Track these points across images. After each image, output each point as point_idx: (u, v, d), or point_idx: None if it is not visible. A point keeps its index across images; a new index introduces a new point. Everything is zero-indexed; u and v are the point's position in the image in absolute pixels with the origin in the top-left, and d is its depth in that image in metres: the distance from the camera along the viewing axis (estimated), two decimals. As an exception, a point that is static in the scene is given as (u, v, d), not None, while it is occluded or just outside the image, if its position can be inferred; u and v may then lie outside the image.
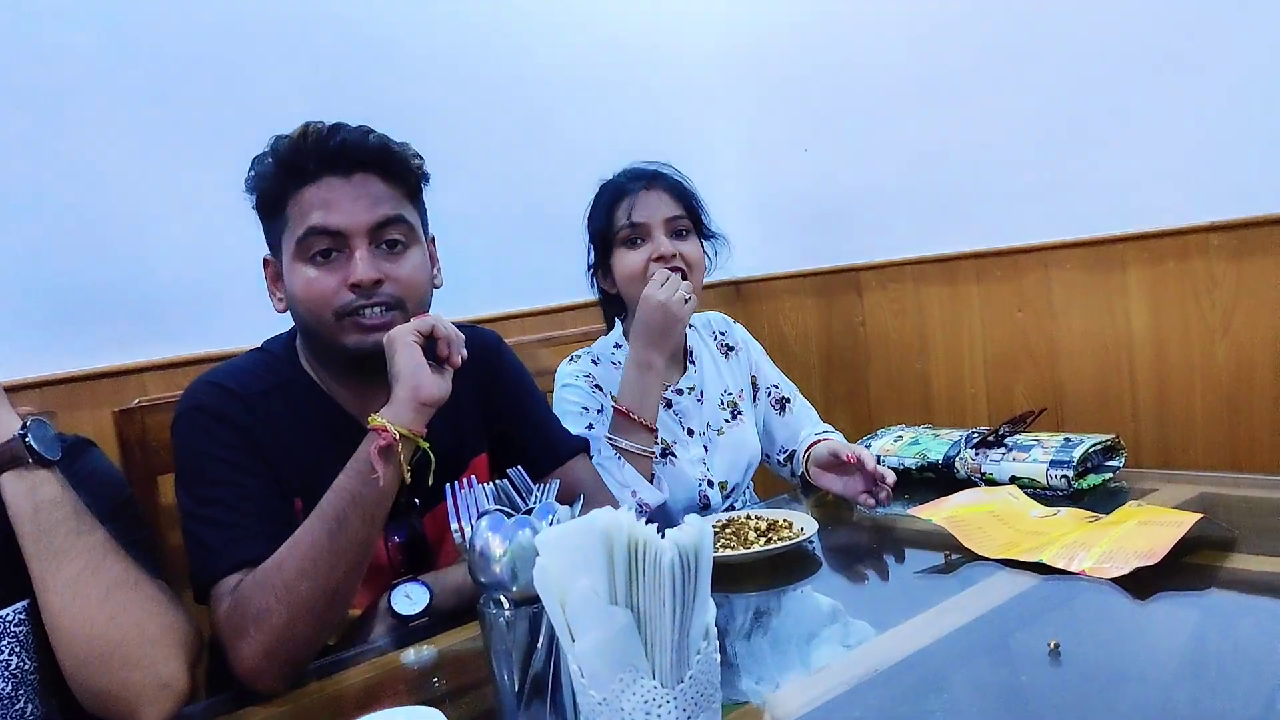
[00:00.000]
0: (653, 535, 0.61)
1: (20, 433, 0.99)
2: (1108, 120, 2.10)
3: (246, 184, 1.22)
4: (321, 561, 1.03)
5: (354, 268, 1.15)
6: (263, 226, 1.24)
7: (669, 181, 1.68)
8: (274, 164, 1.18)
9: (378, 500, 1.06)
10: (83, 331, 1.71)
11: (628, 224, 1.63)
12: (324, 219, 1.15)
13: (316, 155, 1.16)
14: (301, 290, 1.17)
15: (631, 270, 1.64)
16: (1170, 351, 2.07)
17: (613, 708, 0.63)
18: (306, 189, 1.16)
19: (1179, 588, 1.07)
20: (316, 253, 1.16)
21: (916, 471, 1.63)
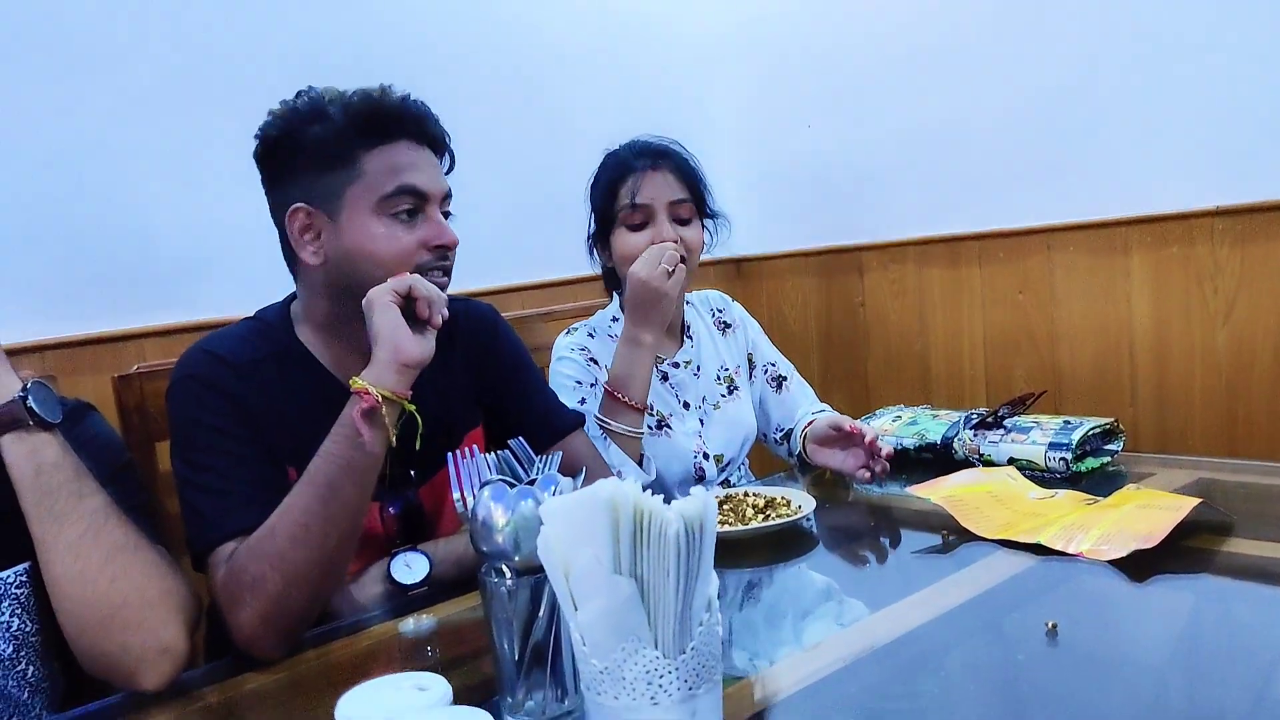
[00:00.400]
0: (659, 506, 0.61)
1: (21, 394, 0.98)
2: (1113, 102, 2.09)
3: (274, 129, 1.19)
4: (314, 528, 1.02)
5: (439, 230, 1.19)
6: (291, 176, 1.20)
7: (675, 161, 1.65)
8: (345, 117, 1.17)
9: (366, 465, 1.05)
10: (83, 297, 1.72)
11: (630, 205, 1.62)
12: (416, 179, 1.18)
13: (398, 117, 1.19)
14: (381, 245, 1.16)
15: (631, 252, 1.63)
16: (1171, 336, 2.07)
17: (614, 677, 0.64)
18: (387, 147, 1.18)
19: (1176, 571, 1.07)
20: (400, 211, 1.17)
21: (914, 452, 1.63)
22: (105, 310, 1.74)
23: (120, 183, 1.76)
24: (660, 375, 1.70)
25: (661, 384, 1.70)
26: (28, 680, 1.07)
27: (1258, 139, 1.91)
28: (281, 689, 0.99)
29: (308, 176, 1.18)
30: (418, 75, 1.77)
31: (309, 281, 1.23)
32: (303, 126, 1.17)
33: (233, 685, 1.00)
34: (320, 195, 1.18)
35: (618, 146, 1.70)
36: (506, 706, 0.82)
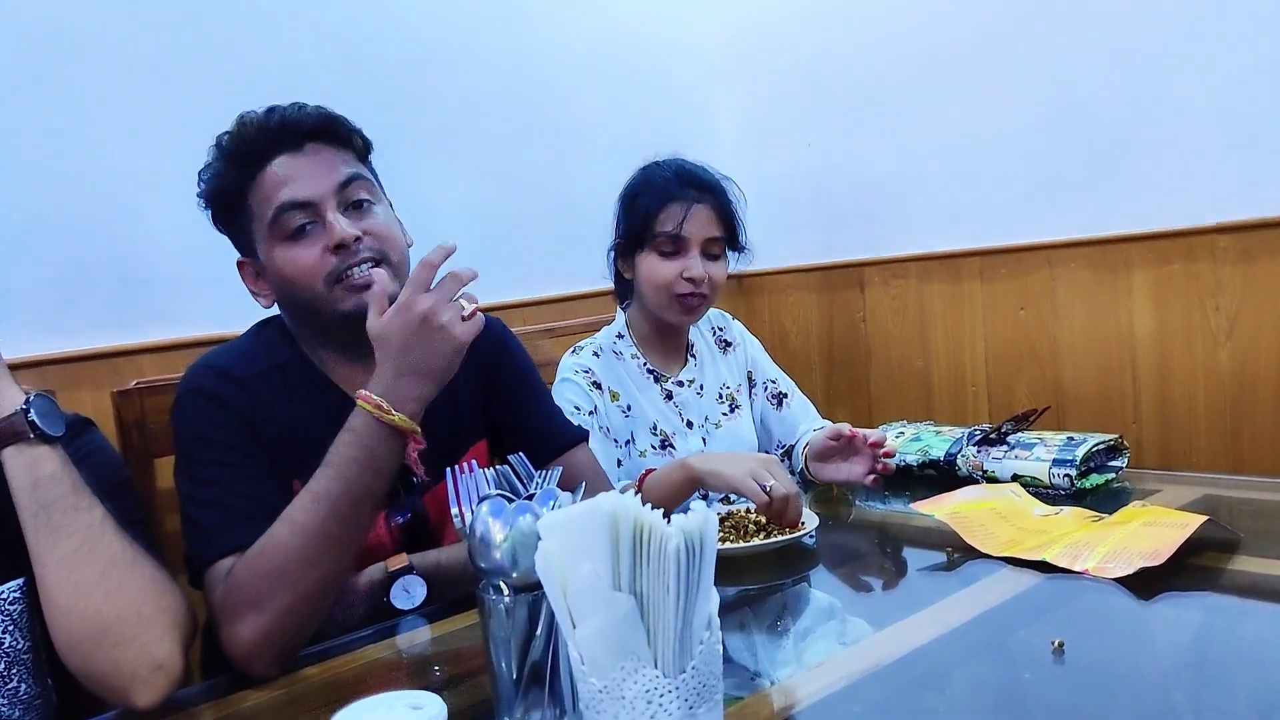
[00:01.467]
0: (658, 521, 0.60)
1: (23, 407, 0.98)
2: (1115, 118, 2.09)
3: (201, 198, 1.22)
4: (326, 550, 1.02)
5: (332, 230, 1.14)
6: (229, 232, 1.24)
7: (720, 199, 1.67)
8: (223, 162, 1.18)
9: (384, 493, 1.06)
10: (82, 312, 1.71)
11: (670, 234, 1.62)
12: (289, 193, 1.15)
13: (261, 138, 1.16)
14: (288, 268, 1.16)
15: (658, 281, 1.63)
16: (1174, 353, 2.06)
17: (613, 696, 0.62)
18: (262, 174, 1.16)
19: (1183, 589, 1.06)
20: (294, 229, 1.15)
21: (918, 468, 1.62)
22: (105, 326, 1.74)
23: (120, 200, 1.76)
24: (665, 394, 1.70)
25: (665, 403, 1.70)
26: (19, 698, 1.05)
27: (1259, 156, 1.91)
28: (276, 707, 0.98)
29: (231, 231, 1.23)
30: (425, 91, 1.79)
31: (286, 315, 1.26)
32: (207, 186, 1.22)
33: (227, 703, 0.99)
34: (243, 244, 1.22)
35: (660, 162, 1.69)
36: (504, 726, 0.81)
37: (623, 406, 1.67)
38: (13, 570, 1.04)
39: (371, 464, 1.03)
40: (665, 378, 1.72)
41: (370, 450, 1.04)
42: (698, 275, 1.62)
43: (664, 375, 1.72)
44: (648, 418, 1.68)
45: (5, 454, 0.97)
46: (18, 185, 1.65)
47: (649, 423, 1.68)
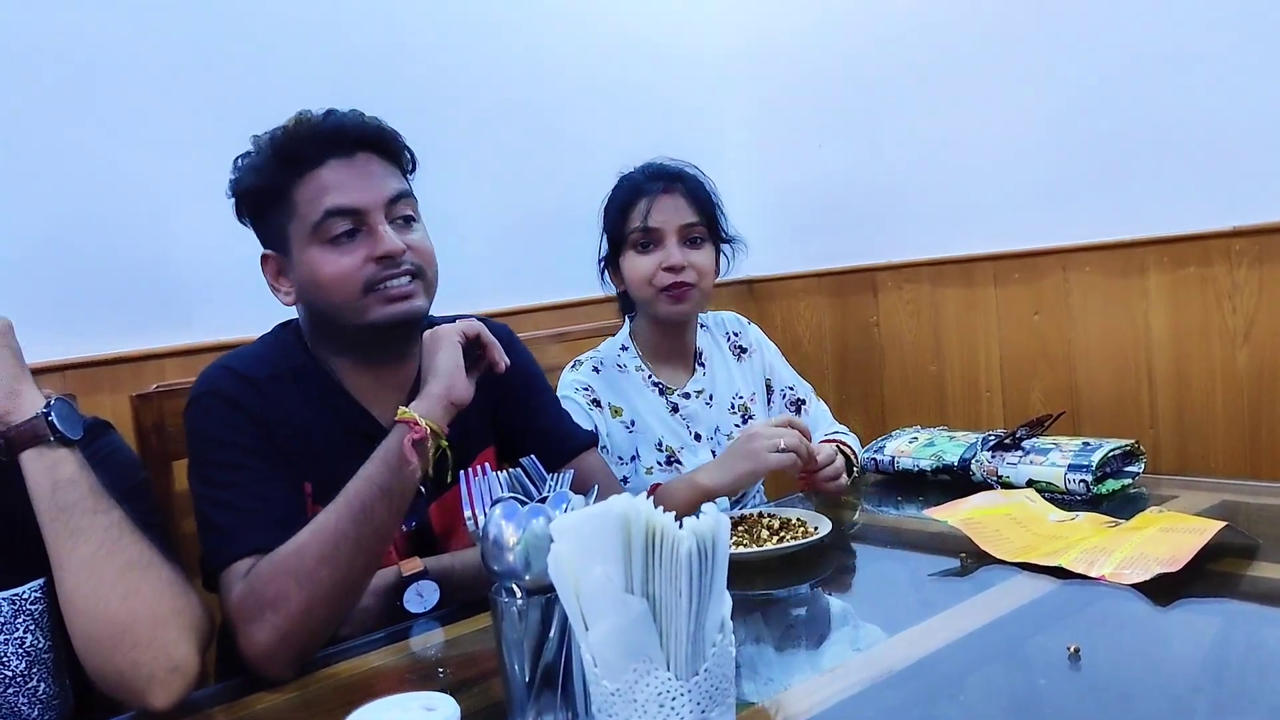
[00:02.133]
0: (670, 523, 0.60)
1: (44, 411, 0.99)
2: (1128, 122, 2.08)
3: (231, 186, 1.22)
4: (344, 550, 1.02)
5: (380, 240, 1.15)
6: (256, 224, 1.24)
7: (689, 185, 1.65)
8: (271, 157, 1.18)
9: (405, 492, 1.07)
10: (103, 317, 1.74)
11: (641, 228, 1.61)
12: (340, 199, 1.16)
13: (315, 140, 1.17)
14: (324, 271, 1.16)
15: (639, 275, 1.62)
16: (1191, 357, 2.05)
17: (625, 699, 0.62)
18: (311, 175, 1.17)
19: (1201, 595, 1.05)
20: (339, 234, 1.16)
21: (931, 474, 1.61)
22: (125, 331, 1.76)
23: (142, 207, 1.78)
24: (670, 407, 1.68)
25: (671, 416, 1.68)
26: (38, 697, 1.06)
27: (1275, 159, 1.89)
28: (290, 709, 0.98)
29: (261, 224, 1.23)
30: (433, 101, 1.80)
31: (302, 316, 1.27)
32: (244, 177, 1.21)
33: (243, 705, 0.99)
34: (274, 239, 1.22)
35: (632, 169, 1.69)
36: (517, 729, 0.81)
37: (626, 422, 1.66)
38: (34, 571, 1.05)
39: (379, 456, 1.06)
40: (671, 390, 1.70)
41: (385, 448, 1.06)
42: (676, 263, 1.60)
43: (669, 388, 1.70)
44: (653, 433, 1.66)
45: (25, 456, 0.98)
46: (42, 194, 1.68)
47: (654, 439, 1.66)
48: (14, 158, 1.65)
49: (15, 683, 1.04)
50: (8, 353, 0.99)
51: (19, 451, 0.98)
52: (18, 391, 0.99)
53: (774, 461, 1.38)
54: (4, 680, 1.03)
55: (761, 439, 1.40)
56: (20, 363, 1.00)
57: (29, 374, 1.02)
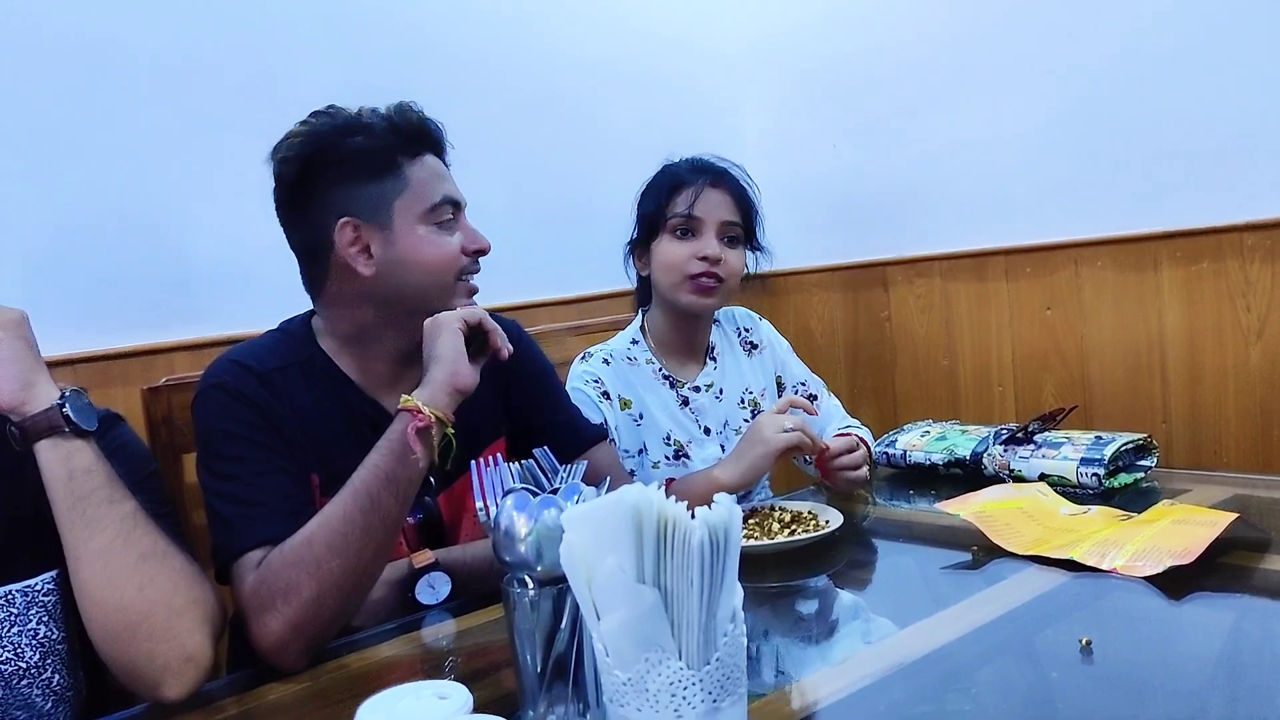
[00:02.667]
0: (682, 513, 0.60)
1: (59, 402, 0.99)
2: (1142, 116, 2.07)
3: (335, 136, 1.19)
4: (353, 538, 1.03)
5: (477, 236, 1.26)
6: (338, 179, 1.19)
7: (735, 184, 1.65)
8: (388, 130, 1.21)
9: (410, 480, 1.07)
10: (114, 311, 1.75)
11: (684, 214, 1.61)
12: (452, 191, 1.25)
13: (426, 131, 1.24)
14: (431, 251, 1.21)
15: (671, 261, 1.62)
16: (1203, 353, 2.04)
17: (637, 688, 0.62)
18: (422, 160, 1.23)
19: (1213, 588, 1.05)
20: (444, 221, 1.23)
21: (943, 467, 1.61)
22: (136, 325, 1.77)
23: (151, 203, 1.79)
24: (680, 400, 1.68)
25: (681, 409, 1.68)
26: (52, 689, 1.07)
27: (1290, 153, 1.88)
28: (302, 699, 0.98)
29: (351, 189, 1.20)
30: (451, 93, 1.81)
31: (345, 294, 1.24)
32: (343, 139, 1.19)
33: (254, 695, 1.00)
34: (368, 208, 1.20)
35: (679, 159, 1.69)
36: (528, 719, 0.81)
37: (634, 415, 1.65)
38: (47, 563, 1.06)
39: (384, 445, 1.07)
40: (681, 383, 1.69)
41: (390, 436, 1.07)
42: (713, 254, 1.60)
43: (680, 381, 1.69)
44: (661, 427, 1.66)
45: (41, 447, 0.98)
46: (56, 190, 1.69)
47: (662, 432, 1.66)
48: (28, 154, 1.66)
49: (29, 674, 1.05)
50: (23, 345, 0.99)
51: (34, 442, 0.98)
52: (33, 383, 0.99)
53: (782, 440, 1.41)
54: (18, 671, 1.04)
55: (765, 424, 1.44)
56: (36, 355, 1.01)
57: (44, 366, 1.02)
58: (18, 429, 0.98)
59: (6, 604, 1.04)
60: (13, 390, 0.98)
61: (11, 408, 0.98)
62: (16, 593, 1.04)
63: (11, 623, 1.04)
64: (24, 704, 1.05)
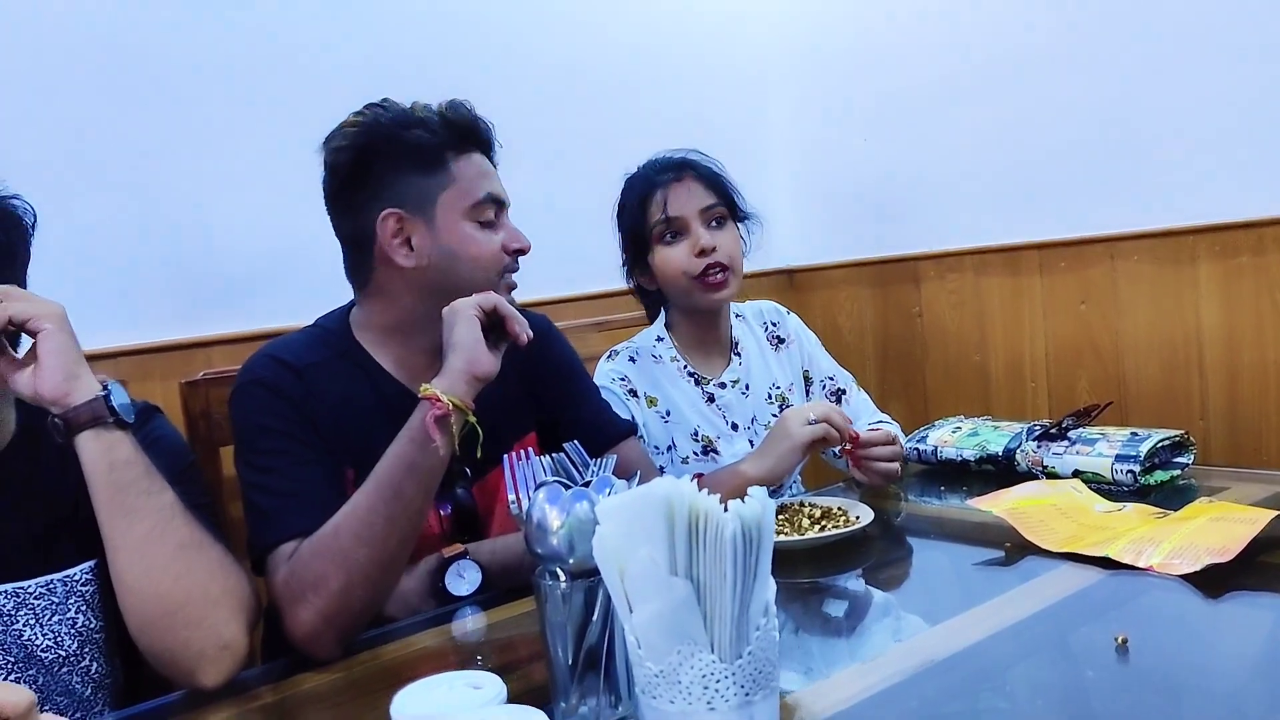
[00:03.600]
0: (715, 506, 0.60)
1: (103, 393, 1.01)
2: (1179, 107, 2.04)
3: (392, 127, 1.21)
4: (377, 527, 1.04)
5: (519, 236, 1.28)
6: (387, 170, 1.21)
7: (699, 170, 1.64)
8: (442, 125, 1.23)
9: (432, 469, 1.07)
10: (153, 305, 1.78)
11: (663, 219, 1.60)
12: (496, 189, 1.26)
13: (475, 129, 1.26)
14: (476, 248, 1.23)
15: (673, 267, 1.61)
16: (1243, 349, 2.01)
17: (669, 680, 0.63)
18: (470, 157, 1.25)
19: (1252, 587, 1.03)
20: (488, 218, 1.25)
21: (975, 464, 1.59)
22: (174, 319, 1.80)
23: (188, 198, 1.82)
24: (706, 396, 1.68)
25: (707, 406, 1.68)
26: (91, 676, 1.09)
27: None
28: (337, 689, 1.00)
29: (399, 182, 1.22)
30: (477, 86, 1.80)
31: (388, 286, 1.25)
32: (399, 132, 1.21)
33: (289, 685, 1.01)
34: (413, 200, 1.22)
35: (636, 169, 1.69)
36: (559, 711, 0.81)
37: (661, 412, 1.65)
38: (86, 553, 1.08)
39: (405, 434, 1.07)
40: (706, 380, 1.69)
41: (410, 425, 1.08)
42: (707, 244, 1.58)
43: (705, 378, 1.69)
44: (688, 423, 1.66)
45: (83, 438, 1.00)
46: (97, 187, 1.72)
47: (690, 428, 1.66)
48: (68, 151, 1.69)
49: (69, 662, 1.07)
50: (66, 338, 1.01)
51: (77, 433, 1.00)
52: (77, 374, 1.01)
53: (807, 434, 1.41)
54: (58, 659, 1.06)
55: (791, 418, 1.44)
56: (78, 349, 1.02)
57: (84, 360, 1.04)
58: (61, 420, 1.00)
59: (47, 593, 1.06)
60: (57, 382, 0.99)
61: (55, 399, 1.00)
62: (56, 582, 1.07)
63: (52, 611, 1.06)
64: (64, 690, 1.07)
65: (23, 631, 1.04)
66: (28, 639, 1.04)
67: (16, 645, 1.04)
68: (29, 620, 1.05)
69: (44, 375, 0.99)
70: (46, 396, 1.00)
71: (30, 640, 1.04)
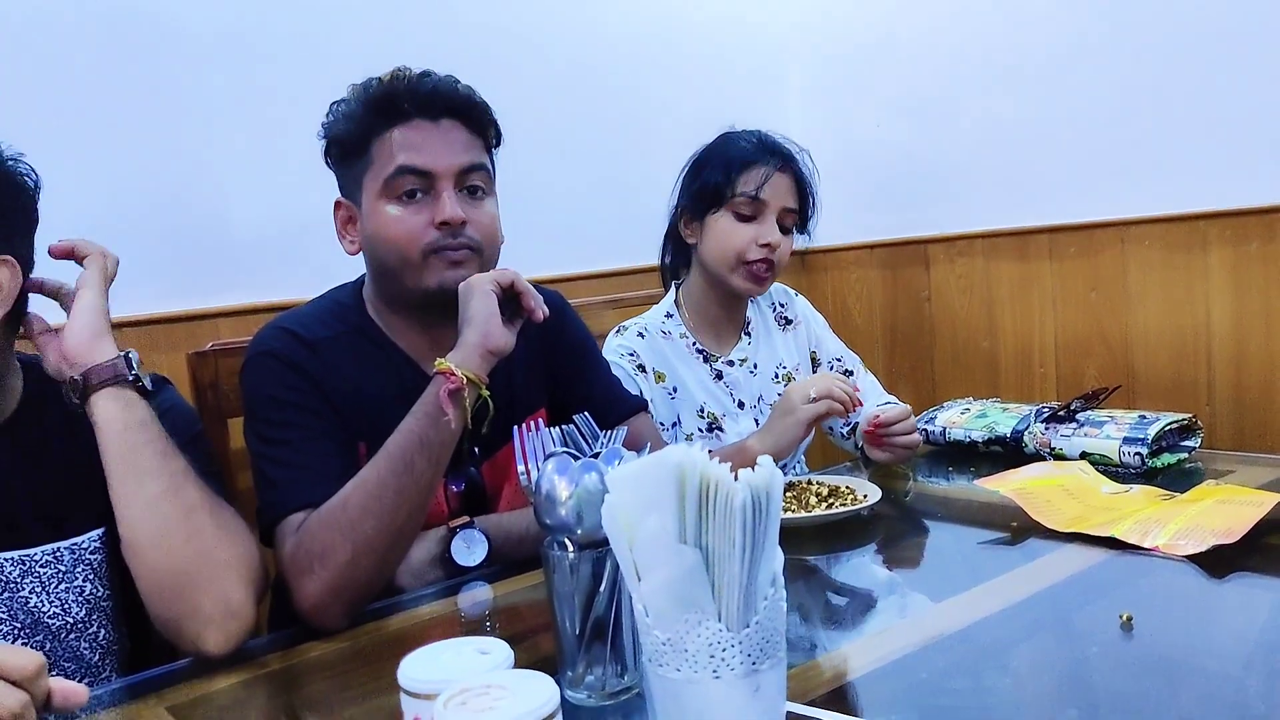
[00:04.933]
0: (725, 474, 0.60)
1: (124, 354, 1.03)
2: (1190, 92, 2.03)
3: (323, 129, 1.24)
4: (386, 501, 1.04)
5: (442, 207, 1.17)
6: (337, 171, 1.26)
7: (800, 172, 1.65)
8: (361, 106, 1.20)
9: (444, 443, 1.07)
10: (162, 277, 1.78)
11: (751, 196, 1.59)
12: (414, 159, 1.17)
13: (408, 97, 1.18)
14: (388, 228, 1.18)
15: (730, 243, 1.61)
16: (1252, 336, 2.00)
17: (677, 649, 0.63)
18: (394, 130, 1.18)
19: (1257, 569, 1.03)
20: (404, 192, 1.17)
21: (983, 445, 1.59)
22: (183, 290, 1.80)
23: (197, 170, 1.82)
24: (714, 374, 1.68)
25: (715, 383, 1.68)
26: (99, 643, 1.10)
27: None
28: (345, 657, 1.00)
29: (340, 171, 1.25)
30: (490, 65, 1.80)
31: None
32: (335, 124, 1.23)
33: (296, 653, 1.02)
34: (349, 187, 1.24)
35: (741, 130, 1.67)
36: (566, 681, 0.82)
37: (669, 388, 1.65)
38: (94, 520, 1.08)
39: (419, 409, 1.07)
40: (715, 357, 1.69)
41: (424, 400, 1.08)
42: (774, 241, 1.59)
43: (714, 355, 1.69)
44: (695, 399, 1.66)
45: (101, 396, 1.01)
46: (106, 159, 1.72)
47: (696, 405, 1.66)
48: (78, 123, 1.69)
49: (77, 628, 1.07)
50: (103, 301, 1.04)
51: (94, 392, 1.00)
52: (102, 336, 1.03)
53: (810, 410, 1.42)
54: (65, 626, 1.07)
55: (793, 393, 1.44)
56: (107, 313, 1.05)
57: (109, 325, 1.05)
58: (81, 378, 1.00)
59: (54, 561, 1.06)
60: (82, 339, 1.01)
61: (77, 356, 1.01)
62: (64, 550, 1.07)
63: (59, 579, 1.06)
64: (72, 656, 1.08)
65: (29, 599, 1.05)
66: (34, 606, 1.05)
67: (24, 612, 1.05)
68: (35, 588, 1.05)
69: (70, 332, 1.01)
70: (70, 354, 1.01)
71: (37, 607, 1.05)
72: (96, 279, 1.05)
